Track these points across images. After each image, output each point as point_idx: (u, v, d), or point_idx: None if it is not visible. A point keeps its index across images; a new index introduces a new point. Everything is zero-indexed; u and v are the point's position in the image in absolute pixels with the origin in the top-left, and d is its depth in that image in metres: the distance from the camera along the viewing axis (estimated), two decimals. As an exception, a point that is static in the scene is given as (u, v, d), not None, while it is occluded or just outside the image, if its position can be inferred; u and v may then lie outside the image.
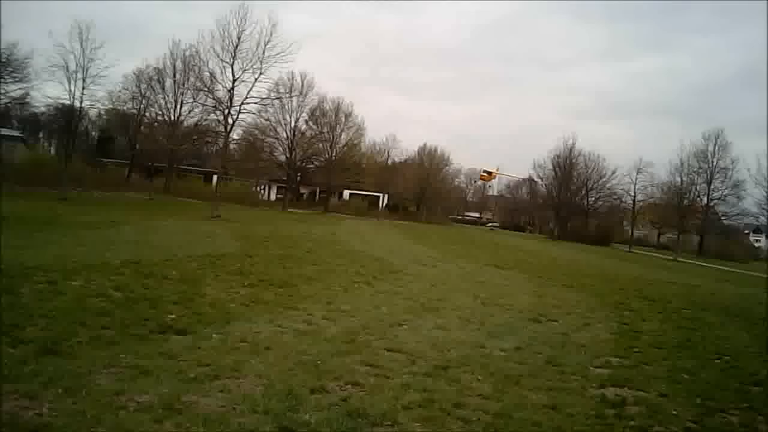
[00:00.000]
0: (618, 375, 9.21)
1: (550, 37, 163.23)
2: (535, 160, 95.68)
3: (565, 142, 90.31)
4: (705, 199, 75.71)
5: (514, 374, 8.54)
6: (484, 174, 32.88)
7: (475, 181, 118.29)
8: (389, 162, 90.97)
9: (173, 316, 9.96)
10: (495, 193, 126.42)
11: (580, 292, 20.26)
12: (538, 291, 19.22)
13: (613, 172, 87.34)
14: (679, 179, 75.85)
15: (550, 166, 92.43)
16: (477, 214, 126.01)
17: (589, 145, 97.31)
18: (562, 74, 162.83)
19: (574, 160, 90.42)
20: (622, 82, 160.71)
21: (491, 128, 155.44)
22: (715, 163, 74.30)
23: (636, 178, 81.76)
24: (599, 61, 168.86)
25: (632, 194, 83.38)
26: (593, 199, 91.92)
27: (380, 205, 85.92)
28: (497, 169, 72.73)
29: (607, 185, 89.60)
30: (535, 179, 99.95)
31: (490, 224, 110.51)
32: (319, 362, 8.14)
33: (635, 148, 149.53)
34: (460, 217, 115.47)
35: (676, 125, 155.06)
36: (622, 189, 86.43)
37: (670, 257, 66.73)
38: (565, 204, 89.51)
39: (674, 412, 7.69)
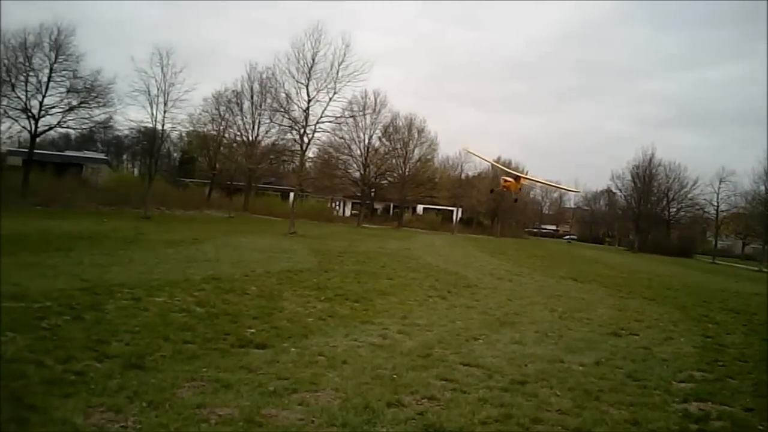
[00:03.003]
0: (701, 389, 8.88)
1: (627, 46, 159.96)
2: (613, 171, 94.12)
3: (644, 153, 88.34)
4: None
5: (593, 389, 8.33)
6: (509, 180, 25.22)
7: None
8: (462, 176, 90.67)
9: (253, 330, 10.15)
10: (572, 205, 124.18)
11: (662, 305, 19.65)
12: (618, 304, 18.74)
13: (695, 182, 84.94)
14: (763, 188, 72.82)
15: (629, 177, 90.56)
16: (553, 227, 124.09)
17: (669, 155, 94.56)
18: (640, 84, 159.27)
19: (653, 171, 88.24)
20: (702, 90, 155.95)
21: (567, 140, 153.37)
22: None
23: (719, 188, 79.14)
24: (679, 70, 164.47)
25: (715, 204, 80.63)
26: (674, 209, 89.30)
27: (454, 219, 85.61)
28: (525, 173, 49.75)
29: (689, 195, 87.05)
30: (614, 190, 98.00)
31: (567, 237, 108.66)
32: (395, 376, 8.14)
33: (717, 156, 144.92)
34: (536, 230, 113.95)
35: (760, 132, 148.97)
36: (704, 199, 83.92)
37: (755, 268, 63.98)
38: (645, 215, 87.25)
39: (760, 428, 7.38)
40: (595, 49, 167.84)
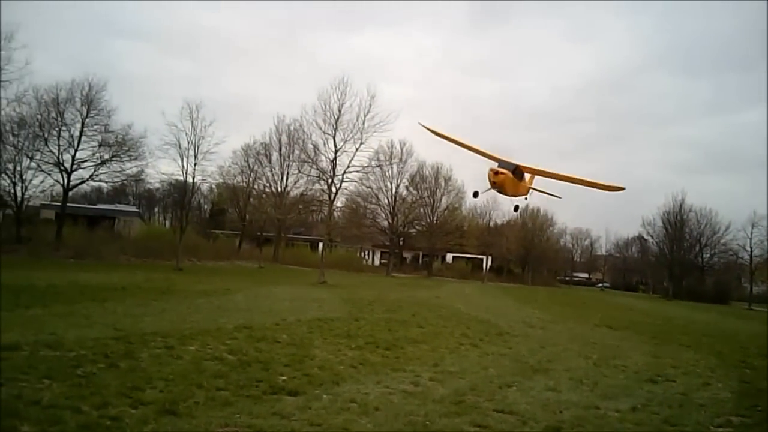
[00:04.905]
0: (740, 435, 8.69)
1: (652, 93, 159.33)
2: (644, 218, 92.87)
3: (674, 198, 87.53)
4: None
5: (631, 435, 8.18)
6: (502, 173, 16.65)
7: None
8: (491, 224, 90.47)
9: (284, 377, 10.17)
10: (603, 253, 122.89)
11: (698, 351, 19.27)
12: (653, 351, 18.40)
13: (727, 227, 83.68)
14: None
15: (660, 224, 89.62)
16: (585, 275, 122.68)
17: (700, 200, 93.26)
18: (667, 129, 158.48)
19: (685, 216, 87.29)
20: (730, 134, 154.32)
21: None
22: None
23: (751, 233, 77.86)
24: (706, 115, 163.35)
25: (748, 249, 79.32)
26: (708, 255, 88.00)
27: (484, 267, 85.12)
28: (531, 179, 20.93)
29: (722, 241, 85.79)
30: (645, 237, 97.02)
31: (600, 284, 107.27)
32: (427, 423, 8.08)
33: (749, 201, 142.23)
34: (567, 278, 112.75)
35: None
36: (737, 244, 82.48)
37: (793, 314, 62.41)
38: (679, 261, 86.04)
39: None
40: (619, 96, 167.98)
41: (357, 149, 46.31)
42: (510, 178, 14.18)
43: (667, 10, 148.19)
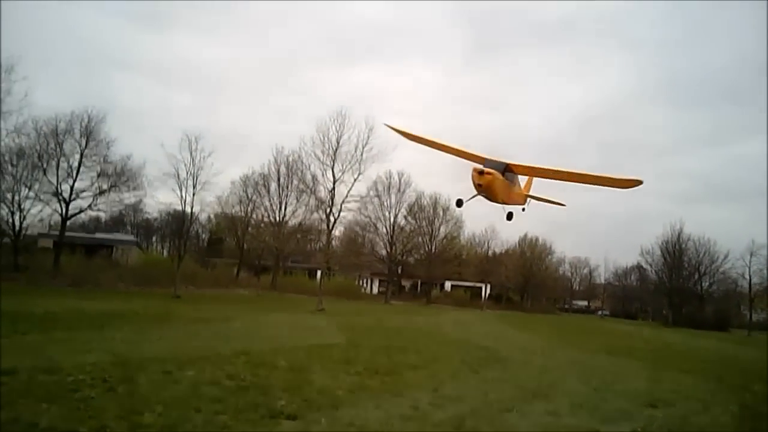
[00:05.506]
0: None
1: (649, 125, 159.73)
2: (642, 247, 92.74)
3: (672, 228, 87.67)
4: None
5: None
6: (490, 173, 11.81)
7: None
8: (490, 253, 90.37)
9: (283, 402, 10.11)
10: (602, 281, 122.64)
11: (698, 376, 19.22)
12: (653, 376, 18.34)
13: (726, 256, 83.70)
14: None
15: (659, 252, 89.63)
16: (585, 303, 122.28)
17: (698, 229, 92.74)
18: (665, 161, 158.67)
19: (683, 245, 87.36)
20: (727, 165, 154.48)
21: (593, 216, 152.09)
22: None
23: (750, 261, 78.03)
24: (702, 146, 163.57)
25: (747, 278, 79.39)
26: (707, 283, 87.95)
27: (483, 295, 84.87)
28: (528, 184, 14.01)
29: (720, 269, 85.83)
30: (644, 266, 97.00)
31: (600, 312, 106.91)
32: (427, 446, 8.03)
33: (747, 230, 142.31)
34: (567, 307, 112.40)
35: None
36: (736, 272, 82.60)
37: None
38: (678, 290, 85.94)
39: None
40: (616, 128, 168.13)
41: (355, 179, 46.71)
42: (500, 179, 11.94)
43: (663, 44, 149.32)
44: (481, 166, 11.60)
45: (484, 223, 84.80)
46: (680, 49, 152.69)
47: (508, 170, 12.07)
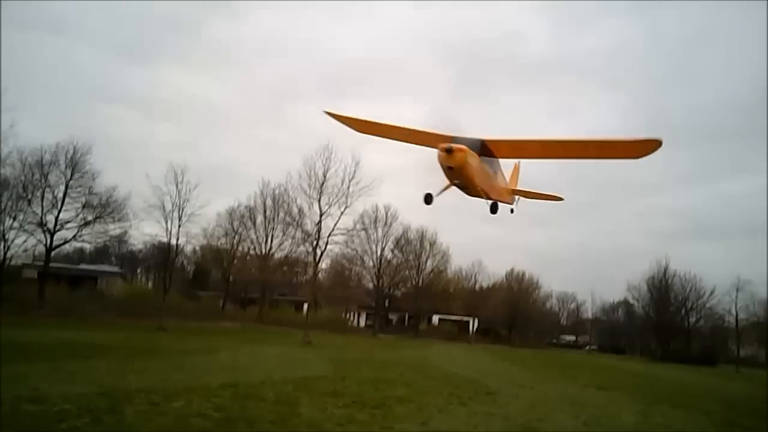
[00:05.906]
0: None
1: (635, 163, 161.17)
2: (629, 282, 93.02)
3: (659, 264, 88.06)
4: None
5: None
6: (460, 150, 9.28)
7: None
8: (477, 287, 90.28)
9: (271, 434, 10.00)
10: (590, 316, 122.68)
11: (687, 411, 19.25)
12: (643, 410, 18.29)
13: (712, 292, 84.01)
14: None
15: (645, 288, 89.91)
16: (572, 337, 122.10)
17: (684, 265, 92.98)
18: (649, 199, 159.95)
19: (669, 281, 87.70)
20: (711, 203, 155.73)
21: (578, 252, 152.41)
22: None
23: (736, 297, 78.42)
24: (686, 184, 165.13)
25: (733, 313, 79.74)
26: (694, 319, 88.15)
27: (470, 329, 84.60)
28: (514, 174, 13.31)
29: (707, 305, 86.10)
30: (631, 301, 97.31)
31: (588, 347, 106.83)
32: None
33: (733, 266, 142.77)
34: (554, 341, 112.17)
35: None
36: (723, 308, 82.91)
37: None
38: (665, 325, 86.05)
39: None
40: (598, 166, 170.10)
41: (342, 213, 46.53)
42: (475, 159, 9.55)
43: (646, 83, 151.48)
44: (448, 144, 9.42)
45: (471, 257, 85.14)
46: (664, 87, 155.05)
47: (485, 152, 10.00)
